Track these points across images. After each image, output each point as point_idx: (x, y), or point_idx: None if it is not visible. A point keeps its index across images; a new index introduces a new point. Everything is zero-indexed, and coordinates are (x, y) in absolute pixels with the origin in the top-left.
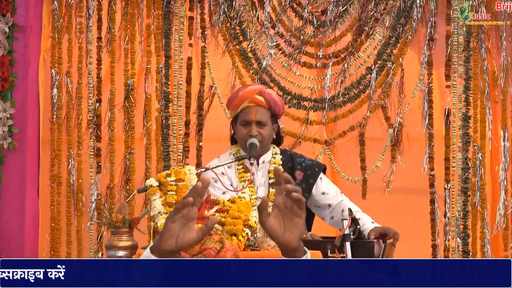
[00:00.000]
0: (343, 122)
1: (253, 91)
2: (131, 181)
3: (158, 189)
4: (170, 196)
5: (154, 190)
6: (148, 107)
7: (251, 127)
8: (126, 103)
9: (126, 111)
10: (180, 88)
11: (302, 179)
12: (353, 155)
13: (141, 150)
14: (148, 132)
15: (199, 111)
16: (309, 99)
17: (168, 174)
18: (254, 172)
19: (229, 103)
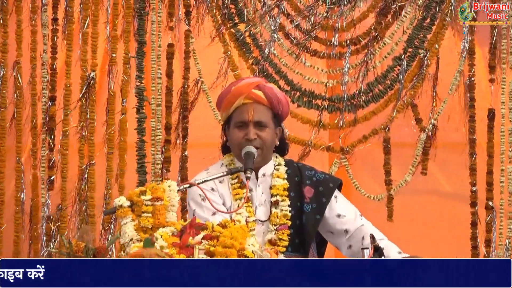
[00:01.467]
0: (364, 125)
1: (250, 85)
2: (90, 199)
3: (129, 210)
4: (145, 219)
5: (124, 211)
6: (112, 106)
7: (247, 130)
8: (84, 101)
9: (83, 112)
10: (159, 83)
11: (313, 198)
12: (376, 167)
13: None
14: (111, 138)
15: (182, 112)
16: (323, 97)
17: (143, 191)
18: (252, 188)
19: (219, 102)
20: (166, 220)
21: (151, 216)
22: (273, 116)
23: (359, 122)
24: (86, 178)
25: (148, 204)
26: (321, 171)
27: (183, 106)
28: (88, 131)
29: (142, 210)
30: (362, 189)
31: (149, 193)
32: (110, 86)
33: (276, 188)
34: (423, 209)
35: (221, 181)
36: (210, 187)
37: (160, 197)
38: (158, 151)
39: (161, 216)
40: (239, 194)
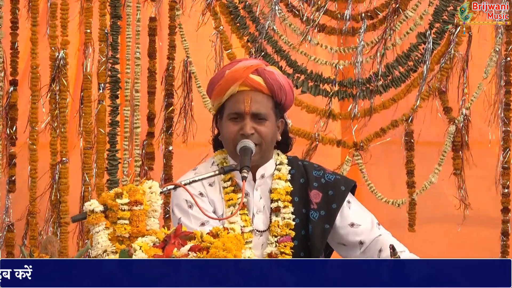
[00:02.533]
0: (382, 115)
1: (247, 69)
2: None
3: (103, 216)
4: (121, 227)
5: (97, 218)
6: (87, 93)
7: (243, 123)
8: (54, 86)
9: (53, 99)
10: (138, 65)
11: (321, 203)
12: (395, 166)
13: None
14: (87, 130)
15: (167, 99)
16: (332, 81)
17: (119, 194)
18: (248, 192)
19: (210, 88)
20: (146, 228)
21: (128, 223)
22: (275, 107)
23: (376, 111)
24: (57, 179)
25: (124, 209)
26: (331, 170)
27: (167, 93)
28: (60, 122)
29: (118, 216)
30: (379, 192)
31: (126, 195)
32: (84, 69)
33: (277, 192)
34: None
35: (212, 184)
36: (199, 191)
37: (139, 201)
38: (136, 147)
39: (140, 223)
40: (233, 200)
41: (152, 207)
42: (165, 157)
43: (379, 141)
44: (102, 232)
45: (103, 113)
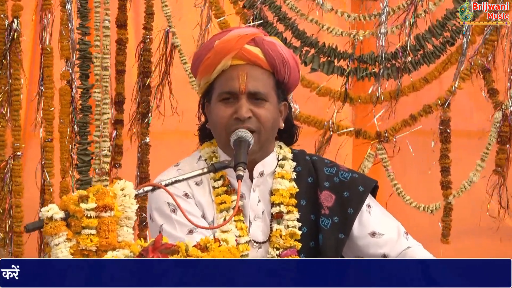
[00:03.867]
0: (411, 99)
1: (241, 38)
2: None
3: (64, 224)
4: (87, 238)
5: (56, 227)
6: (48, 71)
7: (238, 104)
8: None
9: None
10: (107, 36)
11: (334, 208)
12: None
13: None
14: (48, 118)
15: (142, 77)
16: (349, 56)
17: (83, 197)
18: (244, 194)
19: (196, 63)
20: (118, 240)
21: (95, 233)
22: (276, 86)
23: (404, 94)
24: (8, 178)
25: (91, 216)
26: (347, 167)
27: (143, 71)
28: (12, 108)
29: (83, 225)
30: (407, 194)
31: (92, 199)
32: (43, 41)
33: (280, 194)
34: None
35: (199, 183)
36: (183, 191)
37: (109, 206)
38: (105, 138)
39: (110, 233)
40: (226, 203)
41: (125, 214)
42: (141, 151)
43: (408, 131)
44: (63, 244)
45: (67, 96)
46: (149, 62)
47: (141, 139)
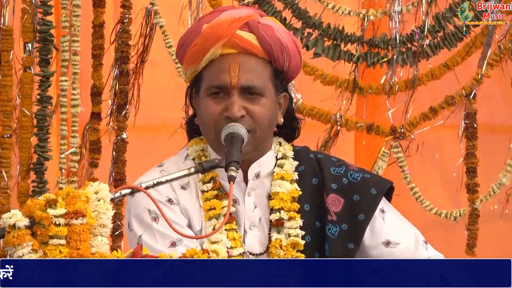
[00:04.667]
0: (430, 89)
1: (233, 22)
2: None
3: (28, 233)
4: (55, 249)
5: (20, 236)
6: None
7: (229, 101)
8: None
9: None
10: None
11: (342, 214)
12: (451, 161)
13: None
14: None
15: (119, 64)
16: (358, 39)
17: (52, 202)
18: (237, 199)
19: (182, 49)
20: (91, 251)
21: (64, 243)
22: (274, 76)
23: (422, 82)
24: None
25: (60, 224)
26: (357, 167)
27: (120, 56)
28: None
29: (50, 234)
30: (426, 199)
31: (61, 204)
32: (3, 21)
33: (279, 198)
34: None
35: (185, 186)
36: (166, 196)
37: (80, 212)
38: (74, 133)
39: (82, 243)
40: (216, 209)
41: (100, 221)
42: (116, 148)
43: (427, 126)
44: (27, 256)
45: (29, 85)
46: (128, 46)
47: (116, 134)
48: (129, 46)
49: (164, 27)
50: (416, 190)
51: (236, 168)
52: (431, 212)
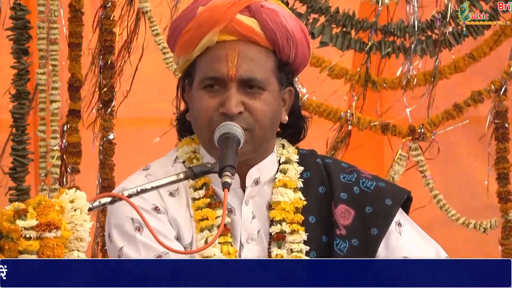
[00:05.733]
0: (454, 83)
1: (232, 5)
2: None
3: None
4: None
5: None
6: None
7: (225, 95)
8: None
9: None
10: None
11: (353, 227)
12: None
13: None
14: None
15: (103, 55)
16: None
17: (21, 212)
18: (233, 207)
19: (173, 35)
20: None
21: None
22: (278, 68)
23: (444, 76)
24: None
25: (30, 237)
26: (370, 174)
27: (104, 44)
28: None
29: (20, 249)
30: (452, 208)
31: (32, 214)
32: None
33: (281, 208)
34: None
35: (174, 193)
36: (152, 204)
37: (54, 223)
38: (53, 136)
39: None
40: (209, 220)
41: (76, 234)
42: (103, 151)
43: (452, 126)
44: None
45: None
46: (112, 34)
47: (102, 135)
48: (113, 34)
49: (150, 13)
50: (440, 197)
51: (231, 173)
52: (458, 223)
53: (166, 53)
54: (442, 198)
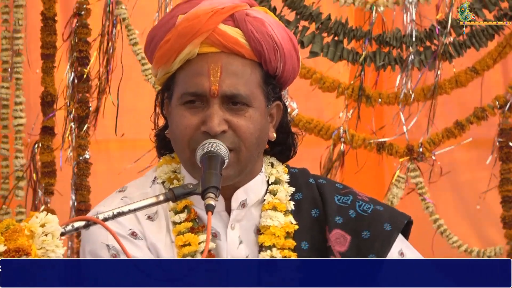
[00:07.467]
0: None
1: (215, 13)
2: None
3: None
4: None
5: None
6: None
7: (207, 112)
8: None
9: None
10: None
11: (349, 254)
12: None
13: None
14: None
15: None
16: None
17: None
18: (218, 232)
19: (151, 46)
20: None
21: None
22: (264, 81)
23: (444, 90)
24: None
25: None
26: (367, 196)
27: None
28: None
29: None
30: (453, 234)
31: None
32: None
33: (271, 233)
34: None
35: (153, 217)
36: (129, 229)
37: (23, 249)
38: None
39: None
40: (191, 246)
41: None
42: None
43: (453, 145)
44: None
45: None
46: (87, 44)
47: (77, 154)
48: (88, 44)
49: (128, 20)
50: (440, 222)
51: (215, 195)
52: (460, 250)
53: (144, 64)
54: (443, 222)
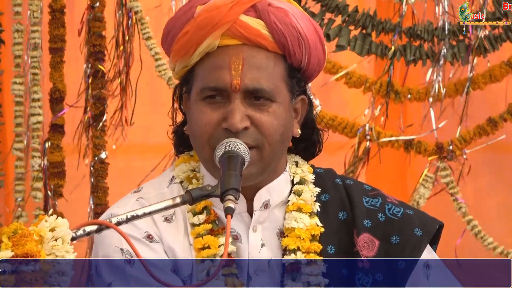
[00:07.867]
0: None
1: (236, 5)
2: None
3: None
4: None
5: None
6: None
7: (229, 108)
8: None
9: None
10: None
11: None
12: None
13: None
14: None
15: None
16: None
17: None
18: (239, 234)
19: (169, 38)
20: None
21: None
22: (288, 75)
23: (478, 86)
24: None
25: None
26: (396, 199)
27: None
28: None
29: None
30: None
31: (7, 245)
32: None
33: (296, 236)
34: None
35: (170, 218)
36: (145, 231)
37: (32, 255)
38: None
39: None
40: (211, 249)
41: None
42: (94, 172)
43: (485, 143)
44: None
45: None
46: (102, 38)
47: (93, 154)
48: (103, 38)
49: (141, 13)
50: (475, 223)
51: (235, 197)
52: (496, 252)
53: (158, 59)
54: (477, 223)
